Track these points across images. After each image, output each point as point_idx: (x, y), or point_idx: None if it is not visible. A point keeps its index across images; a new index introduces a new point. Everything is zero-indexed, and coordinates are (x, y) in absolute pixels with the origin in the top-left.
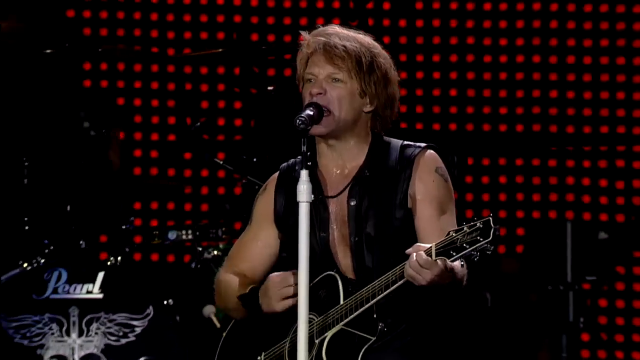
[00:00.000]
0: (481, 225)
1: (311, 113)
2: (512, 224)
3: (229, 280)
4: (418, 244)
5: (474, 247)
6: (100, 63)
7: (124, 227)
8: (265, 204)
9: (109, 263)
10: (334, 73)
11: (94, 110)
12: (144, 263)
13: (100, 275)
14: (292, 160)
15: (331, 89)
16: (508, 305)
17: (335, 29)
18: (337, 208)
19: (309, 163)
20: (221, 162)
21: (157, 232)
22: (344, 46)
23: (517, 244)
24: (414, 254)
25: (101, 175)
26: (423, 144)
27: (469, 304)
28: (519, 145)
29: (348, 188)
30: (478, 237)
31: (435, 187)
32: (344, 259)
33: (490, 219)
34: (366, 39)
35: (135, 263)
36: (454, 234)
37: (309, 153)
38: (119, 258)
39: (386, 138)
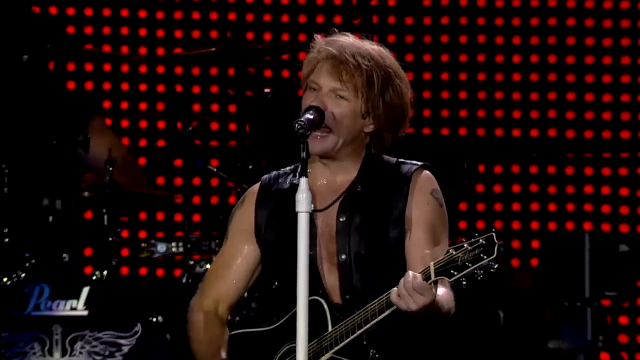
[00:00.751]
0: (484, 242)
1: (311, 117)
2: (527, 235)
3: (201, 322)
4: (428, 258)
5: (477, 265)
6: (85, 64)
7: (110, 239)
8: (244, 218)
9: (94, 278)
10: (339, 89)
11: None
12: (131, 277)
13: (85, 290)
14: (274, 172)
15: (333, 106)
16: (522, 323)
17: (349, 39)
18: (324, 223)
19: (309, 171)
20: (214, 170)
21: (145, 245)
22: (356, 62)
23: (532, 257)
24: (410, 273)
25: (85, 185)
26: (419, 162)
27: (480, 321)
28: (534, 152)
29: (338, 202)
30: (481, 255)
31: (430, 210)
32: (330, 278)
33: (494, 234)
34: (384, 55)
35: (122, 278)
36: (453, 252)
37: (307, 159)
38: (105, 272)
39: (377, 155)
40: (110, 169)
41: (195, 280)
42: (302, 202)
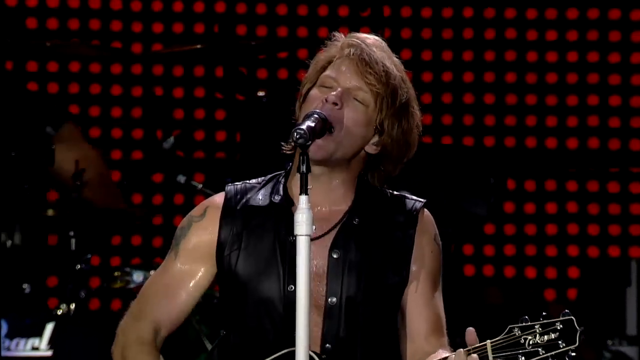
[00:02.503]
0: (561, 326)
1: (312, 125)
2: (564, 263)
3: (139, 355)
4: (472, 331)
5: (553, 353)
6: (49, 62)
7: (78, 266)
8: (203, 235)
9: (59, 312)
10: (361, 89)
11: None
12: (103, 312)
13: (49, 327)
14: (239, 184)
15: (349, 107)
16: None
17: (378, 41)
18: (312, 256)
19: (310, 187)
20: (199, 186)
21: (119, 274)
22: (385, 66)
23: (569, 287)
24: (462, 351)
25: (48, 204)
26: (420, 199)
27: None
28: (572, 166)
29: (333, 236)
30: (559, 342)
31: (433, 258)
32: (311, 323)
33: (574, 319)
34: (405, 75)
35: (92, 312)
36: (518, 332)
37: (307, 173)
38: (72, 306)
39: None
40: (78, 183)
41: None
42: (303, 224)
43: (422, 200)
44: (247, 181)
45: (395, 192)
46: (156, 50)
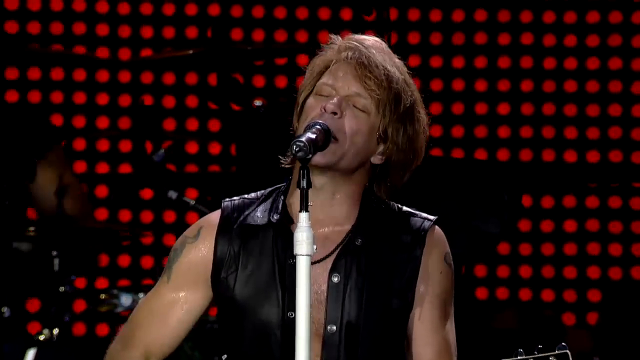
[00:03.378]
0: None
1: (313, 137)
2: (584, 285)
3: None
4: None
5: None
6: (30, 69)
7: (61, 288)
8: (197, 256)
9: (41, 337)
10: (360, 96)
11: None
12: (88, 338)
13: (31, 353)
14: (236, 199)
15: (350, 115)
16: None
17: (378, 43)
18: (312, 280)
19: (309, 205)
20: (192, 202)
21: (106, 296)
22: (387, 70)
23: (590, 311)
24: None
25: (29, 221)
26: (430, 217)
27: None
28: (593, 180)
29: (333, 258)
30: None
31: (443, 280)
32: (312, 353)
33: (569, 352)
34: (409, 77)
35: (76, 338)
36: None
37: (308, 189)
38: (56, 331)
39: (377, 198)
40: (61, 199)
41: None
42: (303, 243)
43: (431, 218)
44: (245, 196)
45: (404, 208)
46: (145, 56)
